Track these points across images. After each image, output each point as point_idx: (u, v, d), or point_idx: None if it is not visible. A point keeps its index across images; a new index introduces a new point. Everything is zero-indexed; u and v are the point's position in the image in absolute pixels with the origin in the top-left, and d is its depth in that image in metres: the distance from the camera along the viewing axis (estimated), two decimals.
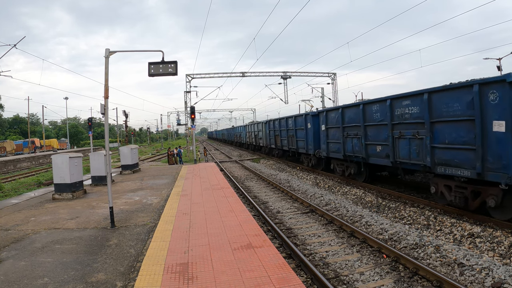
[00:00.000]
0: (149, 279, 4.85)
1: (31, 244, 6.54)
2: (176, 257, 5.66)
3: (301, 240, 7.69)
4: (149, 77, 11.74)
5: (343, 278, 5.66)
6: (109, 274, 5.09)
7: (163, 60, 8.20)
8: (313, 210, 10.19)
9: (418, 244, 6.74)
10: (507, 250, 6.12)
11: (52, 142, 63.67)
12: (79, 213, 9.07)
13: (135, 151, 19.91)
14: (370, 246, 6.99)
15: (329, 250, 6.97)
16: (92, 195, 11.79)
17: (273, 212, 10.33)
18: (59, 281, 4.83)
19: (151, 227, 7.59)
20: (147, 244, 6.39)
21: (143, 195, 11.63)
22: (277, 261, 5.33)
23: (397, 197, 10.85)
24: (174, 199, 10.57)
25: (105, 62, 7.71)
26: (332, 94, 35.29)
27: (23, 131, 70.81)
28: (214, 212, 8.68)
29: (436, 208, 9.15)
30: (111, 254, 5.92)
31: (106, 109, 7.95)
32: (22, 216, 9.01)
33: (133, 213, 8.97)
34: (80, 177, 11.83)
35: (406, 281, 5.43)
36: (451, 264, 5.79)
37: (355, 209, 9.84)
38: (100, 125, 78.26)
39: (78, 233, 7.18)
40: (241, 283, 4.61)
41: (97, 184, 13.93)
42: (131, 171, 18.45)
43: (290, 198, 12.33)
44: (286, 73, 33.69)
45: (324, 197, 11.74)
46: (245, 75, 33.01)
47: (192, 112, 24.83)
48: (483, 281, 5.12)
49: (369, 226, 8.32)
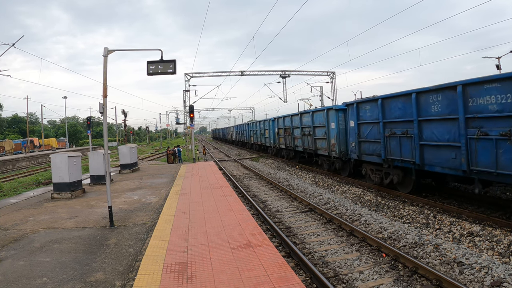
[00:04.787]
0: (148, 279, 4.84)
1: (30, 243, 6.52)
2: (175, 256, 5.65)
3: (300, 239, 7.69)
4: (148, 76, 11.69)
5: (343, 277, 5.66)
6: (108, 273, 5.08)
7: (161, 59, 8.17)
8: (312, 209, 10.19)
9: (417, 243, 6.74)
10: (506, 249, 6.12)
11: (51, 141, 63.54)
12: (78, 212, 9.05)
13: (134, 150, 19.90)
14: (370, 245, 6.99)
15: (328, 249, 6.97)
16: (91, 194, 11.77)
17: (272, 211, 10.33)
18: (58, 281, 4.81)
19: (150, 226, 7.58)
20: (146, 244, 6.37)
21: (142, 194, 11.61)
22: (276, 260, 5.32)
23: (396, 196, 10.85)
24: (173, 198, 10.56)
25: (103, 61, 7.68)
26: (331, 93, 35.34)
27: (22, 130, 70.69)
28: (213, 211, 8.67)
29: (435, 207, 9.15)
30: (110, 254, 5.91)
31: (105, 108, 7.92)
32: (21, 215, 8.99)
33: (132, 212, 8.95)
34: (79, 176, 11.81)
35: (406, 280, 5.43)
36: (450, 263, 5.79)
37: (354, 208, 9.84)
38: (99, 124, 78.15)
39: (77, 233, 7.17)
40: (240, 282, 4.61)
41: (96, 183, 13.90)
42: (130, 170, 18.43)
43: (289, 197, 12.33)
44: (285, 72, 33.68)
45: (323, 196, 11.74)
46: (244, 74, 32.99)
47: (191, 111, 24.83)
48: (482, 280, 5.12)
49: (368, 225, 8.32)
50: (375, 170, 12.05)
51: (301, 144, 18.85)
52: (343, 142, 14.15)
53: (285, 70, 33.73)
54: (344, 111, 13.98)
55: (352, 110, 12.94)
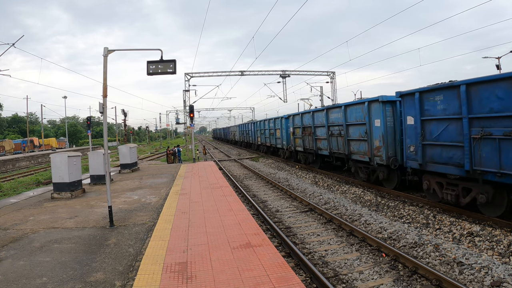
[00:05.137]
0: (148, 279, 4.84)
1: (30, 243, 6.52)
2: (175, 256, 5.65)
3: (300, 239, 7.69)
4: (148, 76, 11.69)
5: (342, 277, 5.66)
6: (108, 273, 5.08)
7: (161, 58, 8.17)
8: (312, 209, 10.19)
9: (417, 243, 6.75)
10: (506, 249, 6.12)
11: (51, 141, 63.52)
12: (78, 212, 9.05)
13: (134, 150, 19.90)
14: (369, 245, 6.99)
15: (328, 249, 6.97)
16: (91, 194, 11.77)
17: (272, 211, 10.33)
18: (58, 281, 4.81)
19: (150, 226, 7.58)
20: (146, 243, 6.37)
21: (142, 194, 11.61)
22: (276, 260, 5.32)
23: (396, 196, 10.85)
24: (173, 198, 10.56)
25: (103, 60, 7.68)
26: (331, 93, 35.33)
27: (22, 130, 70.68)
28: (213, 211, 8.67)
29: (435, 207, 9.15)
30: (110, 254, 5.90)
31: (105, 108, 7.92)
32: (21, 215, 8.99)
33: (132, 212, 8.95)
34: (79, 176, 11.81)
35: (405, 280, 5.43)
36: (450, 263, 5.79)
37: (354, 208, 9.85)
38: (99, 124, 78.14)
39: (77, 233, 7.16)
40: (240, 282, 4.60)
41: (96, 183, 13.90)
42: (130, 170, 18.44)
43: (289, 197, 12.33)
44: (285, 72, 33.68)
45: (323, 196, 11.74)
46: (244, 73, 32.98)
47: (191, 111, 24.83)
48: (482, 280, 5.13)
49: (368, 225, 8.32)
50: (446, 184, 8.87)
51: (327, 147, 15.49)
52: (391, 144, 11.08)
53: (285, 70, 33.72)
54: (393, 104, 11.09)
55: (411, 102, 9.65)
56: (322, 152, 16.44)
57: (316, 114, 16.83)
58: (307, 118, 18.01)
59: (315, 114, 16.99)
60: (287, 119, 22.14)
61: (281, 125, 23.34)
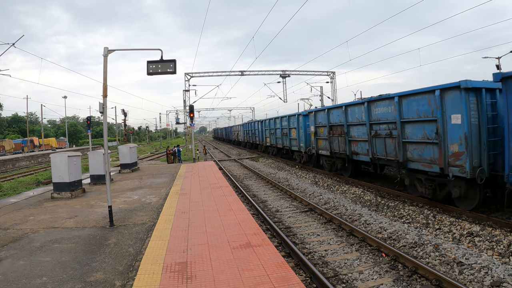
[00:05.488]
0: (148, 278, 4.84)
1: (30, 243, 6.52)
2: (175, 256, 5.65)
3: (300, 239, 7.69)
4: (148, 76, 11.69)
5: (342, 277, 5.66)
6: (108, 273, 5.08)
7: (161, 58, 8.17)
8: (312, 209, 10.19)
9: (417, 243, 6.75)
10: (506, 249, 6.12)
11: (51, 141, 63.55)
12: (78, 212, 9.05)
13: (134, 150, 19.91)
14: (369, 245, 6.99)
15: (328, 249, 6.97)
16: (91, 194, 11.77)
17: (272, 211, 10.33)
18: (58, 281, 4.81)
19: (150, 226, 7.58)
20: (146, 243, 6.37)
21: (142, 194, 11.61)
22: (276, 260, 5.32)
23: (396, 196, 10.85)
24: (173, 198, 10.56)
25: (103, 60, 7.68)
26: (331, 93, 35.34)
27: (22, 130, 70.68)
28: (213, 211, 8.67)
29: (435, 207, 9.15)
30: (110, 253, 5.91)
31: (105, 108, 7.92)
32: (21, 215, 8.99)
33: (132, 212, 8.96)
34: (79, 176, 11.81)
35: (405, 280, 5.43)
36: (450, 263, 5.79)
37: (354, 208, 9.85)
38: (99, 124, 78.14)
39: (77, 232, 7.17)
40: (240, 282, 4.61)
41: (96, 183, 13.90)
42: (130, 170, 18.44)
43: (289, 196, 12.33)
44: (285, 72, 33.69)
45: (323, 196, 11.74)
46: (244, 73, 32.99)
47: (191, 111, 24.84)
48: (482, 280, 5.13)
49: (368, 225, 8.33)
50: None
51: (367, 151, 12.14)
52: (476, 150, 7.93)
53: (285, 70, 33.73)
54: (477, 93, 7.94)
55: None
56: (359, 157, 12.89)
57: (351, 109, 13.30)
58: (337, 114, 14.46)
59: (349, 108, 13.46)
60: (306, 116, 18.69)
61: (297, 124, 19.71)
